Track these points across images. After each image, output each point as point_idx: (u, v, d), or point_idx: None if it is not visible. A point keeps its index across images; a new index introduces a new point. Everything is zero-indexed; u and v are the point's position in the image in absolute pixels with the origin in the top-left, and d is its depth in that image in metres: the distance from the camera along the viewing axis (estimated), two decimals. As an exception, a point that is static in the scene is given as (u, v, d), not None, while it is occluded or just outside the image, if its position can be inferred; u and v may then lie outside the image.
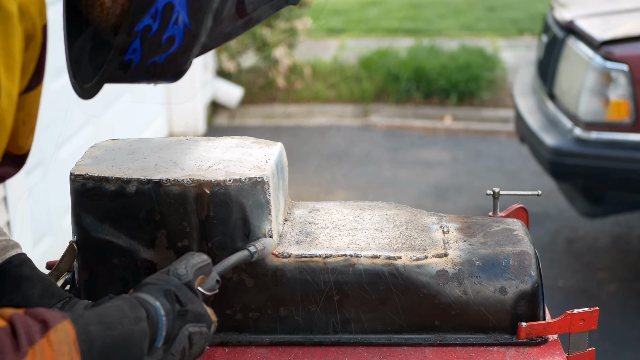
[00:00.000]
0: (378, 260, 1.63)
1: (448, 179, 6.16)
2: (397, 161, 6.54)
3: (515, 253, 1.66)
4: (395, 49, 8.64)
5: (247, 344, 1.66)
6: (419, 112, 7.53)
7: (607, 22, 4.77)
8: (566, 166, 4.52)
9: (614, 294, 4.62)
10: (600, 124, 4.44)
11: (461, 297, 1.62)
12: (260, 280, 1.63)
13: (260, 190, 1.60)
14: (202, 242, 1.61)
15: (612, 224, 5.40)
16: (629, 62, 4.35)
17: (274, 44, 7.91)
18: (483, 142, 6.91)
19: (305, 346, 1.65)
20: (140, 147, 1.75)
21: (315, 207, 1.83)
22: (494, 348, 1.63)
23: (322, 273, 1.63)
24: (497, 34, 9.80)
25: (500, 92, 7.88)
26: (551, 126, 4.70)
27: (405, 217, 1.79)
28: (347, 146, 6.85)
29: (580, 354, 1.66)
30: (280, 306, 1.64)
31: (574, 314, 1.63)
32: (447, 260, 1.64)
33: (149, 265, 1.62)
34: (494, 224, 1.76)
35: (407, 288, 1.62)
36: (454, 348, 1.64)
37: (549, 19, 5.25)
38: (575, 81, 4.58)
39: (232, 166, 1.64)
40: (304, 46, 8.82)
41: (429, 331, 1.65)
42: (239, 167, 1.64)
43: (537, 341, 1.64)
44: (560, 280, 4.76)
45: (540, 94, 5.10)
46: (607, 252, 5.09)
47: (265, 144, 1.77)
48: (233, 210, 1.59)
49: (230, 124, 7.32)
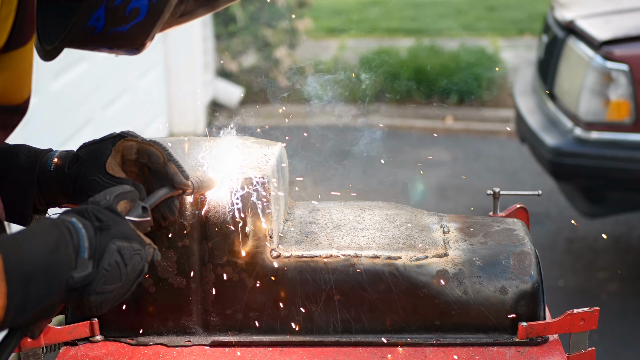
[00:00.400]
0: (378, 260, 1.63)
1: (448, 179, 6.16)
2: (398, 161, 6.54)
3: (516, 253, 1.66)
4: (396, 49, 8.64)
5: (247, 344, 1.66)
6: (419, 112, 7.53)
7: (607, 22, 4.77)
8: (566, 166, 4.51)
9: (614, 294, 4.62)
10: (600, 123, 4.44)
11: (461, 297, 1.62)
12: (261, 280, 1.63)
13: (261, 190, 1.60)
14: (202, 242, 1.61)
15: (613, 224, 5.40)
16: (629, 62, 4.35)
17: (275, 44, 7.91)
18: (483, 142, 6.91)
19: (306, 346, 1.65)
20: (141, 147, 1.75)
21: (315, 207, 1.83)
22: (494, 348, 1.63)
23: (322, 273, 1.63)
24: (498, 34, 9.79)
25: (501, 92, 7.87)
26: (551, 126, 4.70)
27: (406, 217, 1.79)
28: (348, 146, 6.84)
29: (581, 353, 1.66)
30: (281, 306, 1.65)
31: (574, 314, 1.63)
32: (448, 260, 1.64)
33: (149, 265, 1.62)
34: (495, 223, 1.76)
35: (407, 288, 1.62)
36: (454, 348, 1.64)
37: (549, 19, 5.25)
38: (576, 81, 4.58)
39: (232, 166, 1.64)
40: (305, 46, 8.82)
41: (430, 331, 1.65)
42: (239, 167, 1.64)
43: (537, 341, 1.64)
44: (560, 280, 4.76)
45: (540, 94, 5.10)
46: (607, 252, 5.09)
47: (266, 144, 1.78)
48: (233, 210, 1.59)
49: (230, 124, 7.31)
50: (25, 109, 1.31)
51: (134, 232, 1.35)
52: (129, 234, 1.33)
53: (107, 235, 1.31)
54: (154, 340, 1.67)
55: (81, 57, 4.90)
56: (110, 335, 1.68)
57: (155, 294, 1.65)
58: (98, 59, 5.19)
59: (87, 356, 1.64)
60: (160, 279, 1.64)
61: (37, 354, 1.61)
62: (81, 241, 1.28)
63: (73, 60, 4.80)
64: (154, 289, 1.65)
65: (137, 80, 6.08)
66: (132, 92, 5.92)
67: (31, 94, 1.31)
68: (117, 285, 1.31)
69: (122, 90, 5.73)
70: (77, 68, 4.86)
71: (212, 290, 1.64)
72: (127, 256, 1.32)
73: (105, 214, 1.32)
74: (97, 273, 1.28)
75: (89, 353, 1.64)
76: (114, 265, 1.30)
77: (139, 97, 6.10)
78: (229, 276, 1.62)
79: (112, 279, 1.30)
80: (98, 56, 5.20)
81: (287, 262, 1.63)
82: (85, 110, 5.05)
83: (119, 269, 1.31)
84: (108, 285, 1.30)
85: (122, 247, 1.31)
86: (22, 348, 1.61)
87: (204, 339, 1.66)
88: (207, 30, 7.24)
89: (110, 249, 1.30)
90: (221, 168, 1.61)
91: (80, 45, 1.34)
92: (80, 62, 4.91)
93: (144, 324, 1.67)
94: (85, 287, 1.27)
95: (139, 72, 6.13)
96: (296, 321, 1.65)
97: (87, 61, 4.98)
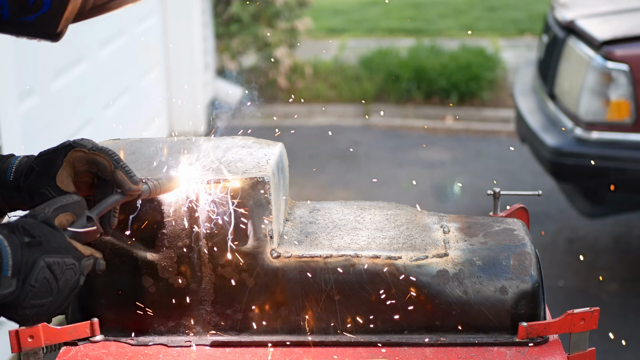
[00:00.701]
0: (379, 260, 1.63)
1: (449, 179, 6.16)
2: (398, 161, 6.54)
3: (516, 253, 1.66)
4: (396, 49, 8.64)
5: (247, 344, 1.66)
6: (420, 112, 7.53)
7: (607, 22, 4.77)
8: (567, 166, 4.51)
9: (614, 294, 4.62)
10: (600, 124, 4.44)
11: (462, 297, 1.62)
12: (261, 280, 1.63)
13: (261, 190, 1.60)
14: (203, 242, 1.61)
15: (613, 224, 5.40)
16: (630, 62, 4.35)
17: (275, 44, 7.91)
18: (483, 142, 6.91)
19: (307, 346, 1.65)
20: (141, 147, 1.75)
21: (315, 207, 1.83)
22: (495, 348, 1.63)
23: (322, 273, 1.63)
24: (498, 34, 9.80)
25: (501, 92, 7.88)
26: (552, 126, 4.70)
27: (406, 217, 1.79)
28: (348, 146, 6.85)
29: (581, 353, 1.66)
30: (281, 306, 1.65)
31: (574, 314, 1.63)
32: (448, 260, 1.64)
33: (149, 266, 1.63)
34: (495, 223, 1.76)
35: (407, 288, 1.62)
36: (455, 348, 1.64)
37: (549, 19, 5.25)
38: (576, 81, 4.58)
39: (232, 166, 1.64)
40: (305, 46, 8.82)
41: (430, 331, 1.65)
42: (239, 167, 1.64)
43: (537, 341, 1.64)
44: (560, 280, 4.76)
45: (540, 94, 5.10)
46: (607, 252, 5.09)
47: (266, 143, 1.78)
48: (234, 210, 1.59)
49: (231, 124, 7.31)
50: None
51: (70, 245, 1.36)
52: (63, 248, 1.35)
53: (36, 251, 1.32)
54: (154, 340, 1.67)
55: (81, 58, 4.90)
56: (110, 335, 1.68)
57: (155, 294, 1.65)
58: (98, 59, 5.20)
59: (87, 356, 1.64)
60: (161, 279, 1.64)
61: (37, 354, 1.61)
62: (4, 259, 1.29)
63: (73, 60, 4.80)
64: (154, 289, 1.65)
65: (138, 80, 6.08)
66: (133, 92, 5.92)
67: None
68: (49, 300, 1.33)
69: (123, 90, 5.73)
70: (78, 68, 4.86)
71: (212, 291, 1.64)
72: (58, 271, 1.33)
73: (39, 229, 1.34)
74: (23, 289, 1.31)
75: (89, 353, 1.64)
76: (42, 281, 1.32)
77: (139, 97, 6.11)
78: (229, 276, 1.62)
79: (41, 294, 1.32)
80: (98, 56, 5.20)
81: (287, 262, 1.63)
82: (85, 110, 5.05)
83: (49, 284, 1.33)
84: (38, 300, 1.32)
85: (53, 263, 1.33)
86: (22, 348, 1.61)
87: (205, 339, 1.66)
88: (208, 31, 7.24)
89: (38, 265, 1.32)
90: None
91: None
92: (81, 62, 4.91)
93: (144, 324, 1.67)
94: (12, 302, 1.30)
95: (140, 72, 6.13)
96: (296, 321, 1.65)
97: (87, 61, 4.98)
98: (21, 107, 4.00)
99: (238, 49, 7.91)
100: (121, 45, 5.63)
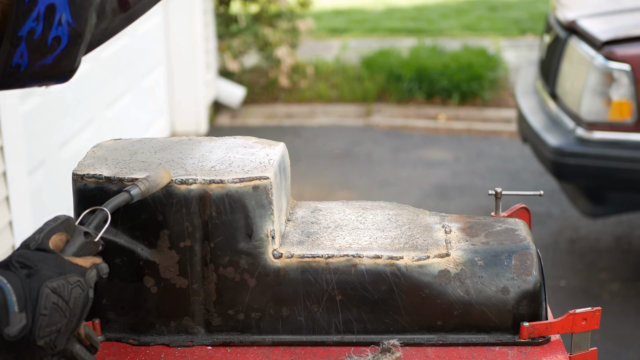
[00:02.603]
0: (380, 260, 1.63)
1: (450, 179, 6.16)
2: (399, 161, 6.54)
3: (518, 253, 1.66)
4: (398, 48, 8.64)
5: (249, 344, 1.66)
6: (421, 112, 7.53)
7: (609, 22, 4.77)
8: (568, 166, 4.51)
9: (616, 294, 4.62)
10: (602, 123, 4.44)
11: (463, 297, 1.62)
12: (263, 281, 1.63)
13: (263, 190, 1.60)
14: (204, 242, 1.61)
15: (614, 224, 5.40)
16: (631, 62, 4.35)
17: (277, 44, 7.91)
18: (485, 142, 6.91)
19: (308, 346, 1.65)
20: (143, 147, 1.75)
21: (317, 207, 1.83)
22: (496, 348, 1.63)
23: (324, 273, 1.63)
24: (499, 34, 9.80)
25: (503, 92, 7.87)
26: (553, 126, 4.70)
27: (408, 217, 1.79)
28: (350, 146, 6.85)
29: (583, 353, 1.66)
30: (283, 306, 1.65)
31: (576, 314, 1.63)
32: (449, 260, 1.64)
33: (151, 266, 1.63)
34: (496, 223, 1.76)
35: (409, 288, 1.62)
36: (456, 348, 1.64)
37: (551, 18, 5.25)
38: (578, 81, 4.58)
39: (234, 166, 1.64)
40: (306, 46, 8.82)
41: (431, 331, 1.65)
42: (241, 167, 1.64)
43: (539, 341, 1.64)
44: (562, 280, 4.76)
45: (542, 94, 5.10)
46: (609, 252, 5.09)
47: (268, 144, 1.77)
48: (235, 211, 1.59)
49: (232, 123, 7.32)
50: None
51: (69, 263, 1.34)
52: (63, 269, 1.32)
53: (37, 280, 1.29)
54: (156, 340, 1.67)
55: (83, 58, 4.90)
56: (111, 335, 1.68)
57: (157, 295, 1.65)
58: (100, 59, 5.20)
59: (89, 356, 1.64)
60: (162, 279, 1.64)
61: (39, 354, 1.61)
62: (7, 297, 1.26)
63: (75, 61, 4.80)
64: (156, 289, 1.65)
65: (139, 80, 6.08)
66: (134, 92, 5.93)
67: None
68: (64, 322, 1.31)
69: (124, 90, 5.74)
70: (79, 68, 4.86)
71: (214, 291, 1.64)
72: (64, 292, 1.31)
73: (32, 257, 1.31)
74: (35, 321, 1.28)
75: (90, 353, 1.64)
76: (51, 307, 1.29)
77: (141, 97, 6.11)
78: (230, 276, 1.62)
79: (54, 319, 1.29)
80: (100, 56, 5.21)
81: (289, 263, 1.63)
82: (87, 110, 5.05)
83: (59, 308, 1.30)
84: (53, 327, 1.29)
85: (57, 286, 1.30)
86: (24, 348, 1.61)
87: (206, 339, 1.66)
88: (209, 30, 7.25)
89: (43, 292, 1.29)
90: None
91: (9, 86, 1.32)
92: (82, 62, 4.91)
93: (145, 325, 1.67)
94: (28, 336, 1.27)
95: (141, 72, 6.13)
96: (298, 321, 1.65)
97: (88, 61, 4.98)
98: (23, 107, 4.00)
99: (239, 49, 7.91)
100: (123, 45, 5.64)
